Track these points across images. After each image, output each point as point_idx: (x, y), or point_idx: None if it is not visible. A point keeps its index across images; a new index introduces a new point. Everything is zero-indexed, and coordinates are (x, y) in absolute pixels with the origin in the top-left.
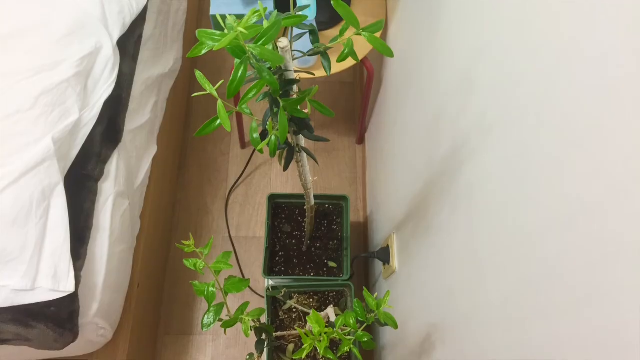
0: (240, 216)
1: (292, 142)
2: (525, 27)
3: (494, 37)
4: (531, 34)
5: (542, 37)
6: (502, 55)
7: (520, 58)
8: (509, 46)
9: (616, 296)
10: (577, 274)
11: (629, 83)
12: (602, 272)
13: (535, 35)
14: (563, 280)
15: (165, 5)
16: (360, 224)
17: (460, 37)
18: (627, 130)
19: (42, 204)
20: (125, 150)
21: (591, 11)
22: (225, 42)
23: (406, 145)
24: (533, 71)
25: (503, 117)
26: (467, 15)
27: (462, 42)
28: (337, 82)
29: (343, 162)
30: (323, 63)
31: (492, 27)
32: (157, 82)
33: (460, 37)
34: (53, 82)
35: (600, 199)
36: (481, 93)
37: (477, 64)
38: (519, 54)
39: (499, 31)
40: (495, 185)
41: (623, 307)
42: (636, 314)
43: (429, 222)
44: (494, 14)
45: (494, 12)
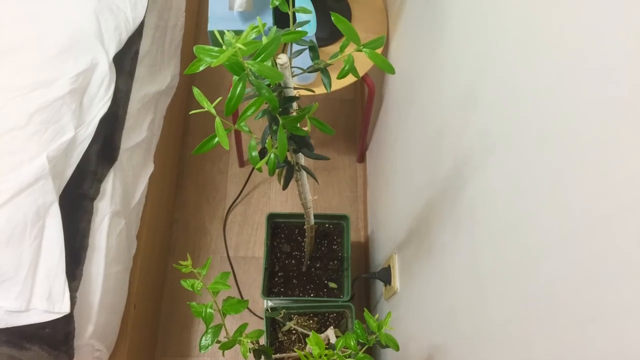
0: (239, 236)
1: (291, 160)
2: (529, 42)
3: (497, 53)
4: (535, 49)
5: (546, 52)
6: (505, 71)
7: (524, 73)
8: (512, 62)
9: (621, 316)
10: (581, 293)
11: (633, 98)
12: (607, 291)
13: (539, 50)
14: (567, 300)
15: (162, 21)
16: (361, 244)
17: (462, 52)
18: (632, 146)
19: (36, 223)
20: (121, 168)
21: (595, 26)
22: (224, 58)
23: (408, 164)
24: (537, 86)
25: (506, 133)
26: (470, 31)
27: (464, 58)
28: (338, 99)
29: (343, 180)
30: (323, 80)
31: (495, 42)
32: (154, 99)
33: (462, 53)
34: (48, 99)
35: (605, 216)
36: (484, 109)
37: (480, 79)
38: (522, 69)
39: (502, 47)
40: (498, 203)
41: (628, 328)
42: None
43: (431, 242)
44: (497, 30)
45: (497, 28)
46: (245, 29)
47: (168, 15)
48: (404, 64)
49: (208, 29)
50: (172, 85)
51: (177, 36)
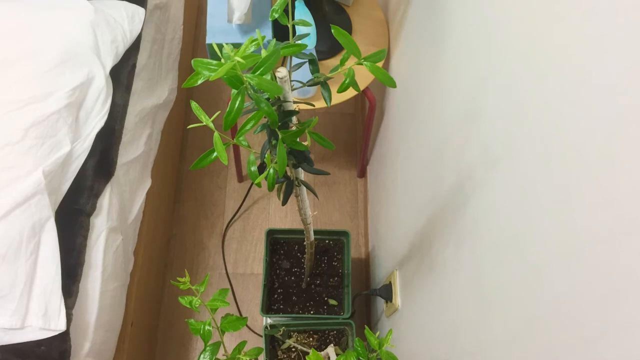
0: (238, 252)
1: (291, 175)
2: (532, 56)
3: (500, 67)
4: (538, 63)
5: (550, 66)
6: (509, 85)
7: (528, 87)
8: (516, 75)
9: (628, 334)
10: (586, 310)
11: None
12: (613, 308)
13: (543, 64)
14: (572, 317)
15: (160, 34)
16: (361, 260)
17: (465, 66)
18: (638, 162)
19: (32, 239)
20: (118, 184)
21: (600, 39)
22: (222, 72)
23: (409, 179)
24: (540, 101)
25: (510, 148)
26: (473, 44)
27: (467, 72)
28: (338, 113)
29: (344, 196)
30: (323, 93)
31: (498, 56)
32: (152, 113)
33: (465, 67)
34: (44, 114)
35: (611, 232)
36: (486, 124)
37: (483, 94)
38: (526, 83)
39: (506, 60)
40: (501, 219)
41: (635, 346)
42: None
43: (433, 258)
44: (500, 43)
45: (500, 41)
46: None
47: (166, 28)
48: (406, 77)
49: (206, 42)
50: (170, 99)
51: (175, 49)
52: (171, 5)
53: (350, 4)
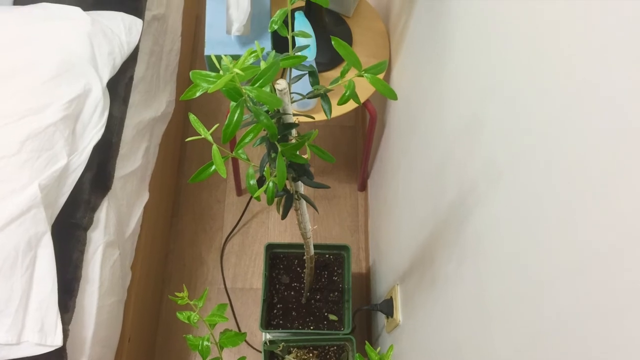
0: (237, 267)
1: (290, 189)
2: (535, 69)
3: (503, 79)
4: (542, 76)
5: (554, 79)
6: (512, 98)
7: (531, 100)
8: (519, 88)
9: (632, 350)
10: (591, 326)
11: None
12: (617, 324)
13: (546, 76)
14: (575, 333)
15: (158, 46)
16: (362, 275)
17: (467, 78)
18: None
19: (28, 254)
20: (115, 197)
21: (605, 52)
22: (221, 84)
23: (410, 193)
24: (544, 114)
25: (512, 162)
26: (475, 56)
27: (469, 84)
28: (338, 126)
29: (344, 210)
30: (323, 106)
31: (501, 68)
32: (149, 126)
33: (467, 79)
34: (40, 126)
35: (615, 247)
36: (489, 137)
37: (485, 106)
38: (529, 96)
39: (509, 73)
40: (504, 233)
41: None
42: None
43: (435, 273)
44: (503, 55)
45: (503, 53)
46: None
47: (163, 40)
48: (407, 89)
49: (205, 53)
50: (168, 112)
51: (173, 61)
52: (169, 16)
53: (350, 15)
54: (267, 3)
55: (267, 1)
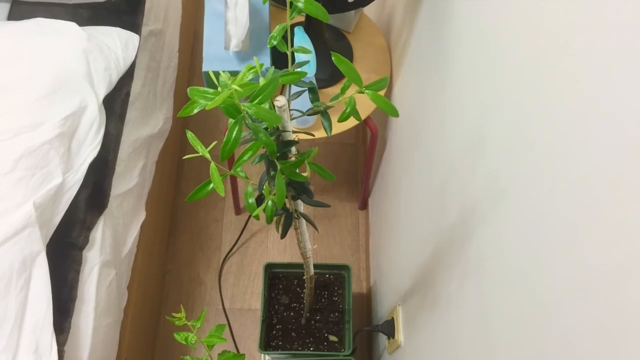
0: (235, 287)
1: (290, 207)
2: (538, 85)
3: (506, 95)
4: (546, 93)
5: (558, 96)
6: (515, 114)
7: (534, 117)
8: (522, 105)
9: None
10: (596, 348)
11: None
12: (624, 346)
13: (550, 94)
14: (580, 354)
15: (155, 62)
16: (363, 295)
17: (469, 95)
18: None
19: (22, 274)
20: (111, 216)
21: (609, 69)
22: (219, 100)
23: (412, 211)
24: (547, 132)
25: (516, 180)
26: (478, 72)
27: (472, 100)
28: (338, 143)
29: (345, 229)
30: (323, 123)
31: (503, 85)
32: (146, 144)
33: (470, 95)
34: (34, 144)
35: (621, 267)
36: (492, 155)
37: (488, 123)
38: (532, 113)
39: (511, 89)
40: (507, 253)
41: None
42: None
43: (437, 294)
44: (506, 71)
45: (506, 70)
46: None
47: (160, 56)
48: (408, 106)
49: (203, 69)
50: (165, 129)
51: (170, 77)
52: (166, 31)
53: (351, 30)
54: (266, 18)
55: (266, 16)
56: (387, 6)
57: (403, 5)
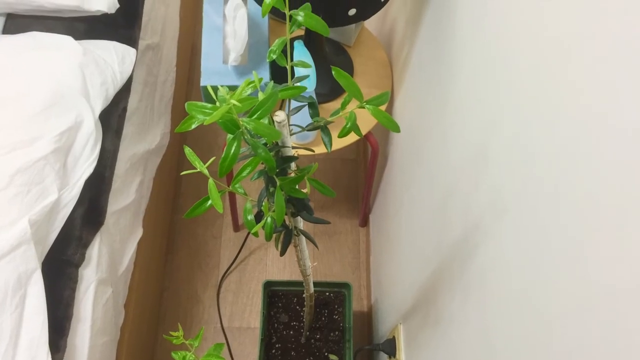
0: (234, 305)
1: (289, 224)
2: (542, 98)
3: (509, 109)
4: (550, 106)
5: (562, 110)
6: (518, 128)
7: (538, 132)
8: (526, 119)
9: None
10: None
11: None
12: None
13: (554, 107)
14: None
15: (152, 76)
16: (363, 314)
17: (472, 109)
18: None
19: (17, 291)
20: (108, 233)
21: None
22: (217, 115)
23: (414, 228)
24: (552, 147)
25: (519, 196)
26: (481, 86)
27: (475, 115)
28: (339, 159)
29: (345, 246)
30: (323, 138)
31: (507, 98)
32: (143, 159)
33: (472, 110)
34: (30, 160)
35: (627, 285)
36: (495, 170)
37: (491, 137)
38: (536, 127)
39: (515, 103)
40: (510, 270)
41: None
42: None
43: (439, 312)
44: (509, 86)
45: (509, 84)
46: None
47: (158, 70)
48: (410, 121)
49: (201, 84)
50: (162, 145)
51: (168, 92)
52: (164, 45)
53: (351, 44)
54: (265, 32)
55: (265, 30)
56: (388, 20)
57: (404, 18)
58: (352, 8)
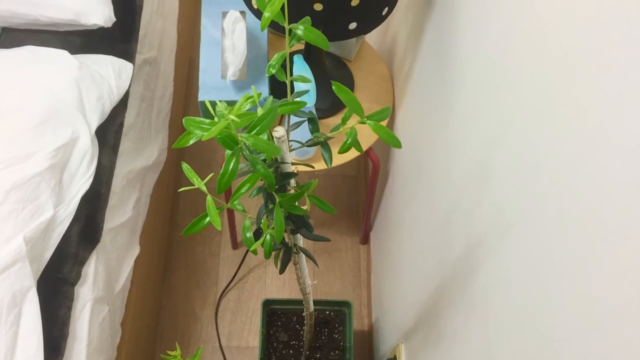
0: (232, 324)
1: (289, 242)
2: (545, 114)
3: (512, 124)
4: (553, 122)
5: (566, 125)
6: (521, 145)
7: (541, 147)
8: (529, 135)
9: None
10: None
11: None
12: None
13: (558, 123)
14: None
15: (149, 91)
16: (364, 333)
17: (475, 124)
18: None
19: (12, 310)
20: (104, 251)
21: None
22: (215, 131)
23: (415, 245)
24: (555, 163)
25: (522, 213)
26: (483, 101)
27: (477, 131)
28: (339, 175)
29: (346, 263)
30: (323, 154)
31: (510, 114)
32: (140, 176)
33: (475, 125)
34: (25, 176)
35: (630, 302)
36: (498, 187)
37: (494, 153)
38: (540, 143)
39: (518, 118)
40: (513, 288)
41: None
42: None
43: (441, 330)
44: (512, 101)
45: (512, 99)
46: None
47: (155, 85)
48: (412, 136)
49: (199, 99)
50: (160, 161)
51: (165, 107)
52: (161, 60)
53: (352, 58)
54: (264, 46)
55: (264, 44)
56: (389, 34)
57: (406, 32)
58: (352, 22)
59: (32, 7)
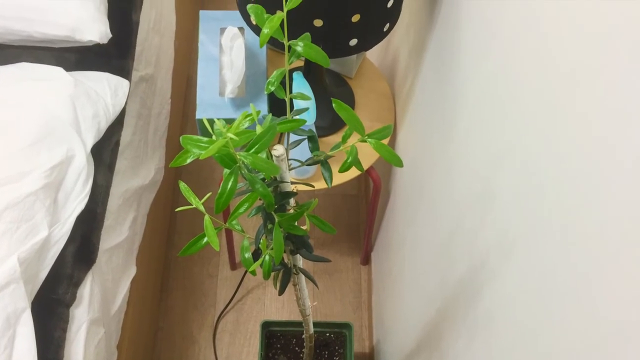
0: (230, 346)
1: (288, 262)
2: (550, 131)
3: (515, 143)
4: (558, 140)
5: (571, 143)
6: (525, 163)
7: (546, 166)
8: (533, 153)
9: None
10: None
11: None
12: None
13: (562, 140)
14: None
15: (146, 109)
16: (365, 355)
17: (478, 142)
18: None
19: (6, 332)
20: (100, 271)
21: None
22: (213, 149)
23: (417, 266)
24: (560, 181)
25: (527, 232)
26: (486, 119)
27: (480, 149)
28: (340, 194)
29: (346, 285)
30: (323, 173)
31: (513, 131)
32: (137, 195)
33: (478, 143)
34: (19, 195)
35: (636, 323)
36: (501, 206)
37: (497, 171)
38: (544, 161)
39: (522, 136)
40: (518, 310)
41: None
42: None
43: (443, 353)
44: (516, 118)
45: (516, 116)
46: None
47: (152, 102)
48: (413, 155)
49: (196, 117)
50: (157, 180)
51: (162, 125)
52: (158, 77)
53: (352, 75)
54: (263, 63)
55: (263, 61)
56: (390, 50)
57: (407, 49)
58: (353, 38)
59: (27, 24)
